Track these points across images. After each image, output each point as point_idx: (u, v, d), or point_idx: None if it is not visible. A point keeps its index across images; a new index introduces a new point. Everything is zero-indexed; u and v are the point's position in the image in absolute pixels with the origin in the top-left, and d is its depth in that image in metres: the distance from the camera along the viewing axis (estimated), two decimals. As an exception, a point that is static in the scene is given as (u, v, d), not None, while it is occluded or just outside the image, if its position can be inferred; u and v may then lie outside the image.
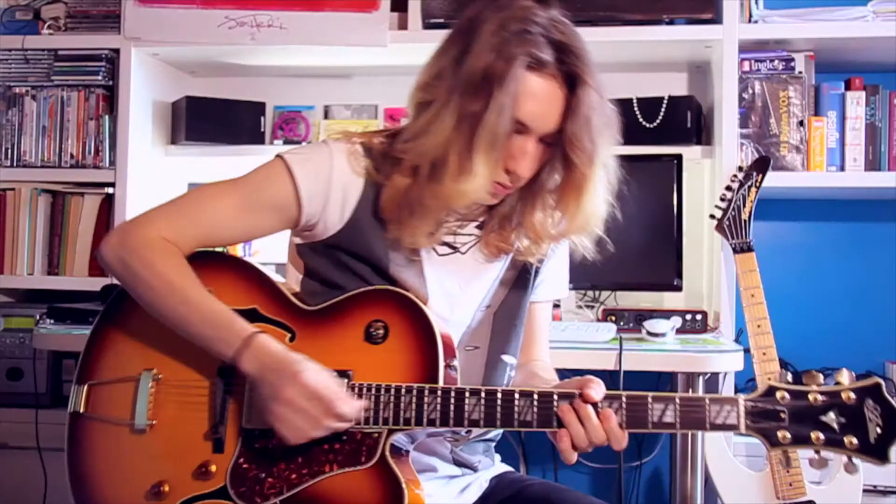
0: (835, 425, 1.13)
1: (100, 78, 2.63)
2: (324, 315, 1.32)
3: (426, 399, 1.22)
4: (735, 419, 1.15)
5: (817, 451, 1.14)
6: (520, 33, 1.24)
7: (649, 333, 2.04)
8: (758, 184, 2.19)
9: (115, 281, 1.37)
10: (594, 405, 1.18)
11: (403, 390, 1.23)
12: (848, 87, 2.40)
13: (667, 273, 2.37)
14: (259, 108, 2.77)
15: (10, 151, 2.67)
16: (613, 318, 2.23)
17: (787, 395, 1.15)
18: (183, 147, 2.73)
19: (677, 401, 1.17)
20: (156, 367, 1.35)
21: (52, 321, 2.13)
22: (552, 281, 1.53)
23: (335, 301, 1.32)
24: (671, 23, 2.42)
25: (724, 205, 2.20)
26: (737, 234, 2.16)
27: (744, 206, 2.18)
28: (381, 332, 1.29)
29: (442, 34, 1.41)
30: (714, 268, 2.40)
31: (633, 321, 2.21)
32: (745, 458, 2.19)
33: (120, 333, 1.38)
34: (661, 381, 2.35)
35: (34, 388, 2.53)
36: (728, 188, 2.21)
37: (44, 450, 2.46)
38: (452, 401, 1.22)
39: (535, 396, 1.20)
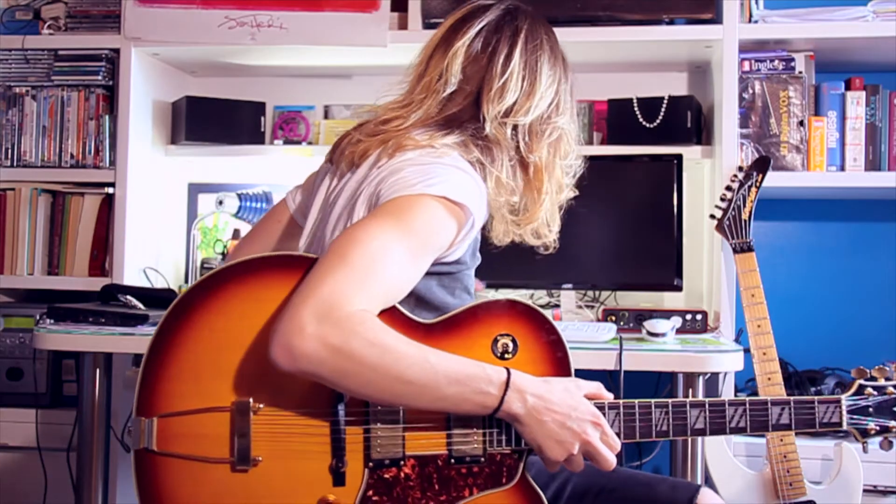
0: None
1: (100, 78, 2.63)
2: (443, 329, 1.27)
3: (654, 413, 1.29)
4: (838, 417, 1.32)
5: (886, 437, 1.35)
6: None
7: (649, 333, 2.04)
8: (758, 184, 2.19)
9: (117, 281, 1.33)
10: None
11: (636, 406, 1.29)
12: (848, 87, 2.40)
13: (667, 273, 2.37)
14: (259, 108, 2.77)
15: (10, 151, 2.67)
16: (613, 318, 2.22)
17: (874, 392, 1.34)
18: (183, 147, 2.73)
19: (792, 404, 1.30)
20: (252, 397, 1.21)
21: (52, 321, 2.13)
22: None
23: (453, 314, 1.28)
24: (671, 23, 2.42)
25: (724, 205, 2.20)
26: (737, 234, 2.16)
27: (744, 206, 2.18)
28: (509, 346, 1.27)
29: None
30: (714, 268, 2.40)
31: (633, 321, 2.21)
32: (745, 458, 2.19)
33: (190, 358, 1.22)
34: (662, 381, 2.35)
35: (34, 388, 2.53)
36: (728, 188, 2.21)
37: (44, 450, 2.46)
38: (675, 413, 1.29)
39: (748, 405, 1.30)
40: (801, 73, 2.39)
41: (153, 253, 2.70)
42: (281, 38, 2.50)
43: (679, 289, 2.38)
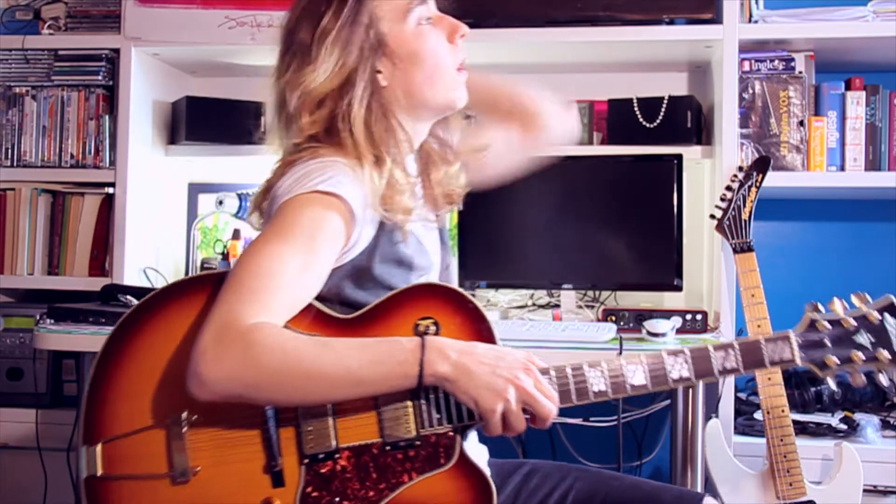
0: (867, 344, 1.29)
1: (100, 78, 2.63)
2: (362, 322, 1.26)
3: (588, 374, 1.25)
4: (790, 354, 1.28)
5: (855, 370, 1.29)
6: None
7: (649, 333, 2.04)
8: (758, 184, 2.19)
9: (117, 281, 1.33)
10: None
11: (568, 369, 1.26)
12: (848, 87, 2.40)
13: (667, 273, 2.37)
14: (259, 108, 2.76)
15: (10, 151, 2.67)
16: (613, 318, 2.23)
17: (826, 324, 1.29)
18: (183, 147, 2.73)
19: (735, 346, 1.28)
20: (186, 410, 1.22)
21: (52, 321, 2.13)
22: None
23: (372, 307, 1.27)
24: (671, 23, 2.42)
25: (724, 205, 2.20)
26: (737, 234, 2.16)
27: (744, 206, 2.18)
28: (431, 327, 1.25)
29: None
30: (714, 268, 2.40)
31: (633, 321, 2.21)
32: (745, 458, 2.19)
33: (127, 381, 1.26)
34: (661, 381, 2.35)
35: (34, 388, 2.53)
36: (728, 188, 2.21)
37: (44, 450, 2.46)
38: (610, 371, 1.25)
39: (688, 353, 1.28)
40: (801, 73, 2.39)
41: (153, 253, 2.70)
42: (281, 38, 2.50)
43: (679, 289, 2.38)
